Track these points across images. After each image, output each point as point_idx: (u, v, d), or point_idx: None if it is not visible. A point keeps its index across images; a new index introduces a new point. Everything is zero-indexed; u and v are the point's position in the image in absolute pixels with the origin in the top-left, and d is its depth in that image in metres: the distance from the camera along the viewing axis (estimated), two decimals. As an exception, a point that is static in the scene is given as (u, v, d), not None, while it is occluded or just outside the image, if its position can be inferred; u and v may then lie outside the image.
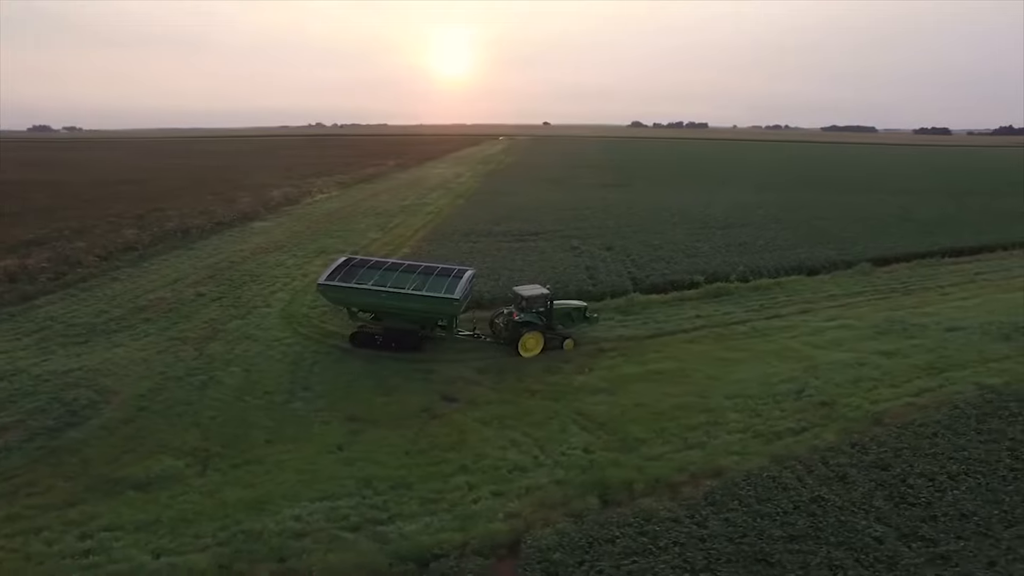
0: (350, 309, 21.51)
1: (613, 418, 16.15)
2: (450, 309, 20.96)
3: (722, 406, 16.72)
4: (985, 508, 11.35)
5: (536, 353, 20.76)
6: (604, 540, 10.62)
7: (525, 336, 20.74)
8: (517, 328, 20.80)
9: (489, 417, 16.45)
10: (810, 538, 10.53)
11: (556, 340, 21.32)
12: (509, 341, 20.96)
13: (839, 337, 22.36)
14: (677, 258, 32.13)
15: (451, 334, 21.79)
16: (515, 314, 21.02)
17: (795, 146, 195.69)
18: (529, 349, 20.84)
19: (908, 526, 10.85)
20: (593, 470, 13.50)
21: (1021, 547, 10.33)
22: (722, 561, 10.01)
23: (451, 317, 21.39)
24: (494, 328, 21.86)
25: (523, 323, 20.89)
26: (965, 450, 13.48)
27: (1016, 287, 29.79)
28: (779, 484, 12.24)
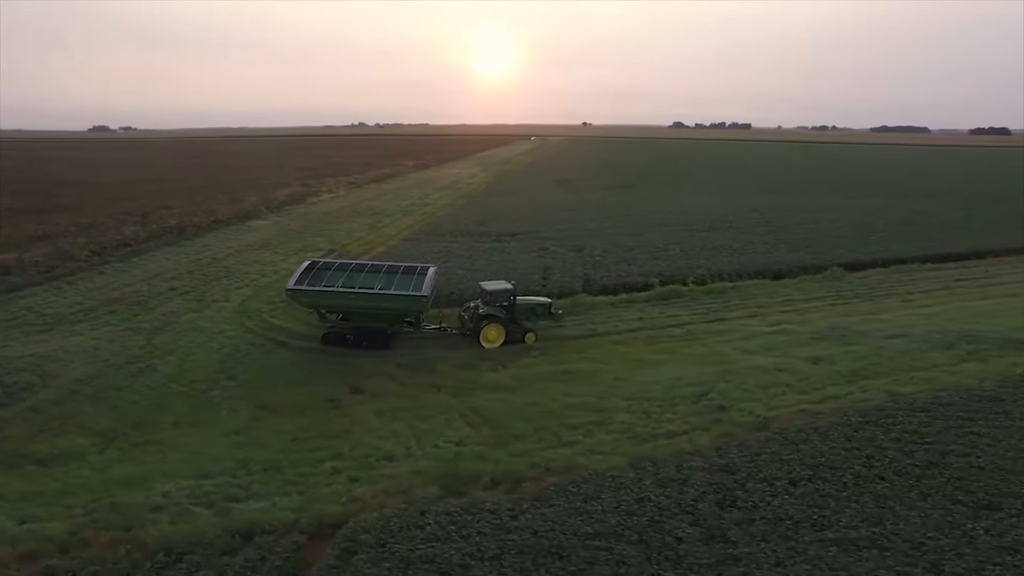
0: (319, 311, 22.51)
1: (501, 415, 16.67)
2: (418, 306, 21.98)
3: (616, 407, 16.98)
4: (805, 512, 11.37)
5: (498, 345, 21.90)
6: (415, 526, 11.22)
7: (486, 328, 21.84)
8: (480, 320, 21.91)
9: (386, 409, 17.24)
10: (612, 536, 10.83)
11: (518, 333, 22.31)
12: (473, 332, 22.12)
13: (773, 342, 22.16)
14: (642, 260, 32.17)
15: (418, 329, 22.80)
16: (480, 307, 22.23)
17: (836, 148, 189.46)
18: (491, 340, 21.89)
19: (719, 528, 11.02)
20: (454, 462, 14.09)
21: (815, 549, 10.38)
22: (513, 552, 10.46)
23: (418, 313, 22.40)
24: (461, 320, 23.05)
25: (485, 316, 22.01)
26: (822, 456, 13.41)
27: (992, 295, 28.66)
28: (616, 484, 12.53)
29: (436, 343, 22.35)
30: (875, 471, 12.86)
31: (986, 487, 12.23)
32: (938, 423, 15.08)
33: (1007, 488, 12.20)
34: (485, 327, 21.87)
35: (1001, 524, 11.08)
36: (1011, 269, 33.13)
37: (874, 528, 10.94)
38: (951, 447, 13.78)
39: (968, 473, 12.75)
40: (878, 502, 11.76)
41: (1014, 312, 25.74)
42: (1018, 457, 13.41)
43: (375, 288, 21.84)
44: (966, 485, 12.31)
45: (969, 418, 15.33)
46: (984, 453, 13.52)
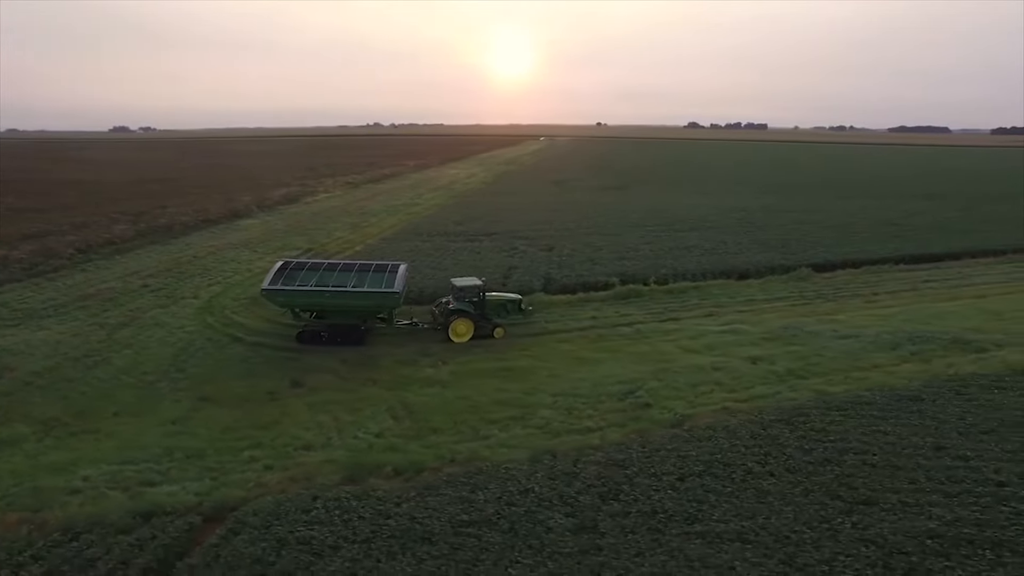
0: (293, 310, 23.19)
1: (427, 408, 17.14)
2: (391, 302, 22.79)
3: (541, 403, 17.33)
4: (681, 506, 11.63)
5: (466, 339, 22.71)
6: (303, 510, 11.75)
7: (455, 322, 22.66)
8: (449, 315, 22.73)
9: (319, 402, 17.82)
10: (484, 524, 11.23)
11: (487, 328, 23.03)
12: (443, 327, 22.93)
13: (719, 341, 22.30)
14: (609, 260, 32.41)
15: (391, 325, 23.57)
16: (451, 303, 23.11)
17: (849, 149, 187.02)
18: (460, 334, 22.72)
19: (593, 520, 11.34)
20: (366, 452, 14.59)
21: (678, 542, 10.63)
22: (385, 536, 10.92)
23: (390, 309, 23.16)
24: (433, 315, 23.90)
25: (454, 310, 22.80)
26: (720, 453, 13.64)
27: (959, 296, 28.43)
28: (508, 475, 12.91)
29: (386, 340, 22.91)
30: (767, 468, 13.08)
31: (870, 483, 12.40)
32: (850, 422, 15.22)
33: (891, 484, 12.35)
34: (454, 321, 22.61)
35: (870, 519, 11.26)
36: (985, 270, 32.74)
37: (744, 522, 11.19)
38: (851, 445, 13.93)
39: (858, 470, 12.91)
40: (758, 497, 11.99)
41: (974, 313, 25.56)
42: (914, 454, 13.54)
43: (348, 286, 22.55)
44: (851, 482, 12.48)
45: (882, 417, 15.44)
46: (881, 451, 13.65)
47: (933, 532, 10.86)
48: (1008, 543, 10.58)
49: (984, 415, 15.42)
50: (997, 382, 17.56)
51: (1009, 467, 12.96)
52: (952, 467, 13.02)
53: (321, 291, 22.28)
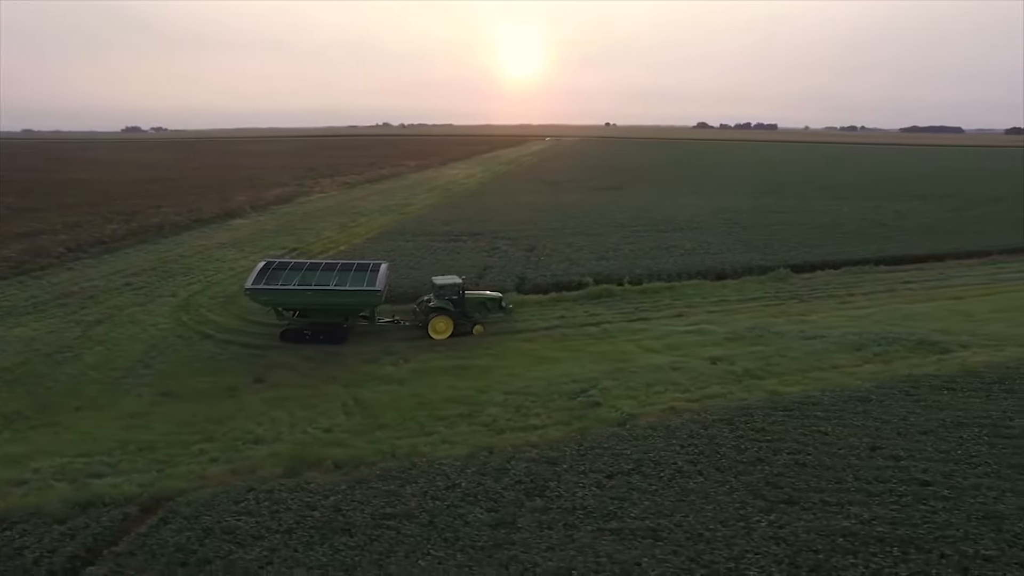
0: (276, 309, 23.60)
1: (380, 405, 17.43)
2: (373, 300, 23.28)
3: (492, 401, 17.55)
4: (602, 503, 11.78)
5: (446, 336, 22.96)
6: (235, 501, 12.07)
7: (434, 320, 23.11)
8: (429, 313, 23.19)
9: (276, 397, 18.15)
10: (405, 517, 11.47)
11: (466, 325, 23.35)
12: (423, 324, 23.33)
13: (683, 341, 22.39)
14: (587, 260, 32.55)
15: (372, 323, 24.05)
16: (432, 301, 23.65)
17: (856, 149, 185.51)
18: (439, 332, 23.15)
19: (512, 515, 11.53)
20: (311, 447, 14.84)
21: (590, 538, 10.77)
22: (307, 526, 11.20)
23: (372, 307, 23.65)
24: (415, 313, 24.40)
25: (434, 308, 23.24)
26: (654, 452, 13.74)
27: (936, 297, 28.27)
28: (439, 471, 13.14)
29: (353, 338, 23.21)
30: (698, 467, 13.19)
31: (796, 483, 12.49)
32: (792, 422, 15.30)
33: (816, 484, 12.44)
34: (433, 319, 23.05)
35: (788, 517, 11.37)
36: (967, 272, 32.50)
37: (661, 520, 11.33)
38: (786, 445, 14.02)
39: (788, 470, 13.01)
40: (681, 496, 12.12)
41: (947, 314, 25.44)
42: (847, 454, 13.60)
43: (330, 285, 22.96)
44: (778, 481, 12.58)
45: (826, 417, 15.50)
46: (816, 451, 13.73)
47: (847, 530, 10.95)
48: (917, 540, 10.66)
49: (927, 416, 15.44)
50: (948, 383, 17.53)
51: (937, 467, 13.01)
52: (882, 467, 13.09)
53: (304, 290, 22.70)
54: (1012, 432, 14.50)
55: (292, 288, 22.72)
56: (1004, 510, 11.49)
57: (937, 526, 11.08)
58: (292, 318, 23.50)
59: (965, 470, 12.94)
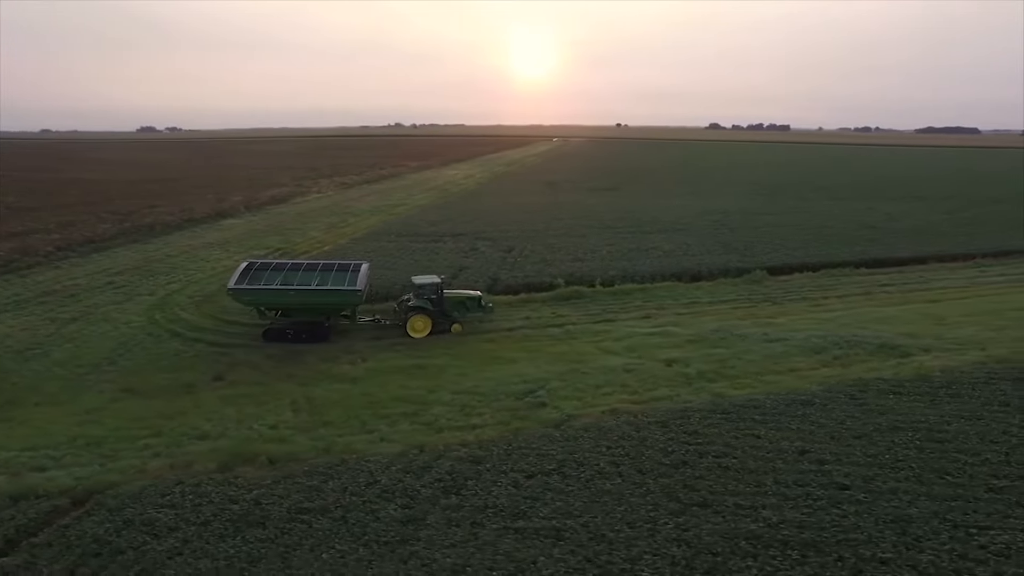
0: (259, 308, 24.08)
1: (329, 403, 17.71)
2: (354, 300, 23.76)
3: (439, 400, 17.76)
4: (513, 502, 11.94)
5: (424, 334, 23.36)
6: (161, 494, 12.43)
7: (412, 318, 23.58)
8: (408, 312, 23.65)
9: (233, 395, 18.52)
10: (319, 511, 11.75)
11: (445, 324, 23.73)
12: (403, 323, 23.80)
13: (643, 343, 22.43)
14: (564, 261, 32.66)
15: (354, 322, 24.53)
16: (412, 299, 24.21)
17: (866, 150, 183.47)
18: (417, 330, 23.61)
19: (425, 512, 11.75)
20: (252, 443, 15.14)
21: (494, 536, 10.94)
22: (223, 519, 11.50)
23: (353, 306, 24.12)
24: (396, 312, 24.89)
25: (413, 307, 23.71)
26: (579, 452, 13.88)
27: (911, 300, 28.02)
28: (364, 467, 13.38)
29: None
30: (619, 468, 13.29)
31: (714, 486, 12.54)
32: (728, 425, 15.33)
33: (734, 487, 12.48)
34: (411, 318, 23.51)
35: (697, 520, 11.43)
36: (948, 274, 32.14)
37: (568, 520, 11.46)
38: (715, 448, 14.06)
39: (710, 473, 13.06)
40: (594, 497, 12.24)
41: (917, 318, 25.23)
42: (774, 458, 13.62)
43: (312, 285, 23.38)
44: (697, 484, 12.64)
45: (763, 420, 15.51)
46: (744, 454, 13.76)
47: (752, 533, 11.01)
48: (819, 544, 10.70)
49: (866, 420, 15.40)
50: (897, 387, 17.46)
51: (860, 471, 13.00)
52: (805, 471, 13.09)
53: (286, 290, 23.13)
54: (944, 436, 14.44)
55: (274, 288, 23.15)
56: (914, 514, 11.49)
57: (843, 529, 11.10)
58: (275, 318, 23.92)
59: (887, 474, 12.92)
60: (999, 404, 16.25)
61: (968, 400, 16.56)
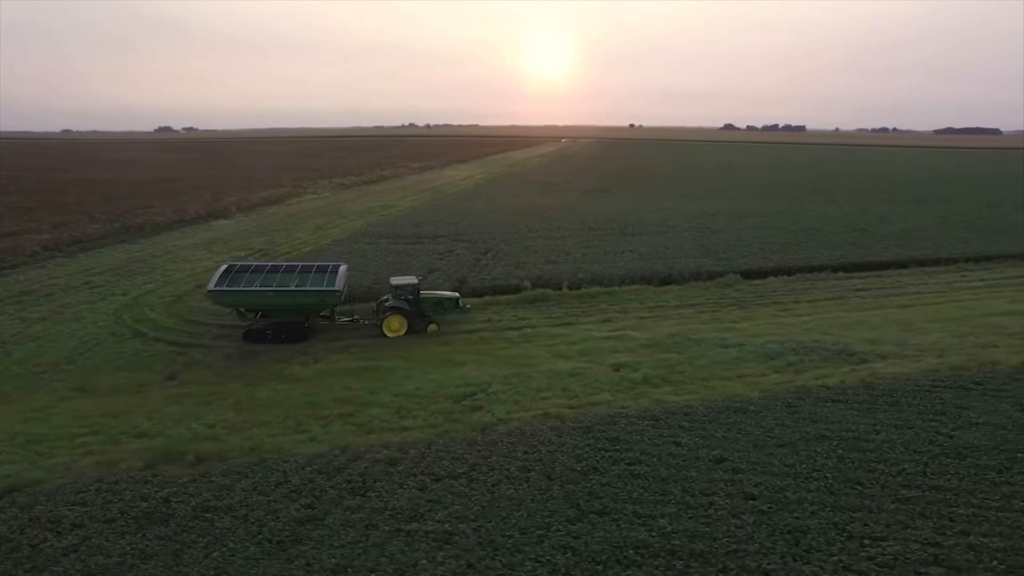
0: (238, 310, 24.51)
1: (271, 403, 17.95)
2: (332, 300, 24.20)
3: (378, 402, 17.90)
4: (413, 505, 12.06)
5: (400, 334, 23.79)
6: (77, 491, 12.76)
7: (387, 319, 24.00)
8: (384, 312, 24.09)
9: (181, 394, 18.84)
10: (224, 510, 11.99)
11: (420, 324, 24.15)
12: (380, 323, 24.22)
13: (596, 347, 22.39)
14: (536, 263, 32.66)
15: (333, 322, 25.00)
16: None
17: (880, 151, 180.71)
18: (393, 330, 24.07)
19: (325, 512, 11.96)
20: (186, 441, 15.32)
21: (384, 537, 11.10)
22: (129, 516, 11.79)
23: (332, 307, 24.58)
24: (375, 312, 25.32)
25: (390, 307, 24.16)
26: (493, 457, 13.97)
27: (884, 305, 27.62)
28: (277, 467, 13.61)
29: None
30: (530, 474, 13.34)
31: (619, 494, 12.51)
32: (653, 432, 15.26)
33: (639, 496, 12.44)
34: (387, 318, 23.93)
35: (591, 528, 11.45)
36: (926, 279, 31.56)
37: (462, 524, 11.54)
38: (631, 455, 14.02)
39: (618, 480, 13.03)
40: (494, 502, 12.29)
41: (884, 323, 24.89)
42: (689, 466, 13.55)
43: (291, 286, 23.79)
44: (602, 491, 12.62)
45: (690, 428, 15.44)
46: (658, 462, 13.70)
47: (642, 543, 10.99)
48: (707, 554, 10.66)
49: (794, 428, 15.26)
50: (839, 395, 17.30)
51: (773, 480, 12.89)
52: (717, 480, 13.01)
53: (265, 291, 23.55)
54: (868, 446, 14.27)
55: (254, 289, 23.57)
56: (812, 525, 11.38)
57: (736, 540, 11.04)
58: (255, 319, 24.29)
59: (799, 484, 12.80)
60: (934, 413, 16.01)
61: (904, 409, 16.33)
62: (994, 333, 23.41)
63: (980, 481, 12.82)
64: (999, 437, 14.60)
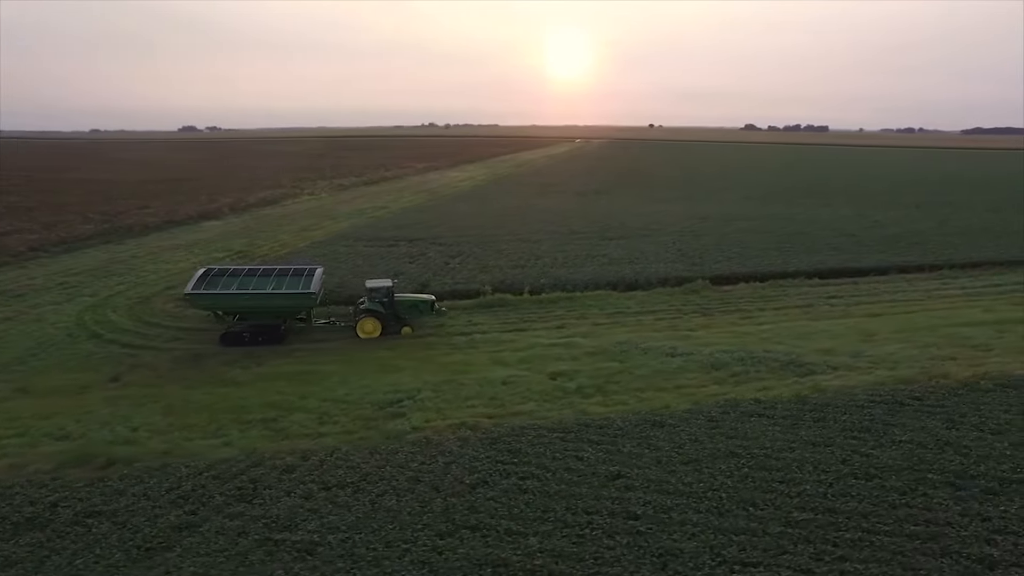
0: (216, 312, 24.94)
1: (202, 407, 18.05)
2: (308, 302, 24.63)
3: (304, 407, 17.92)
4: (291, 515, 12.02)
5: (374, 336, 24.06)
6: (2, 493, 13.06)
7: (362, 321, 24.30)
8: (359, 314, 24.51)
9: (119, 396, 19.05)
10: (106, 515, 12.09)
11: (395, 327, 24.42)
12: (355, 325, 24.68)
13: (540, 355, 22.11)
14: (503, 268, 32.52)
15: (309, 324, 25.46)
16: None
17: (899, 152, 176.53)
18: (367, 332, 24.34)
19: (204, 519, 12.00)
20: (102, 444, 15.46)
21: (249, 546, 11.10)
22: (10, 521, 11.93)
23: (308, 309, 25.04)
24: (352, 314, 25.69)
25: (364, 310, 24.52)
26: (385, 467, 13.87)
27: (853, 313, 26.92)
28: (181, 473, 13.71)
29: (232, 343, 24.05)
30: (416, 485, 13.26)
31: (499, 509, 12.29)
32: (559, 445, 15.03)
33: (519, 512, 12.21)
34: (361, 320, 24.07)
35: (458, 543, 11.27)
36: (904, 287, 30.59)
37: (331, 535, 11.46)
38: (524, 468, 13.80)
39: (504, 495, 12.80)
40: (371, 513, 12.18)
41: (846, 333, 24.23)
42: (581, 482, 13.26)
43: (267, 289, 24.17)
44: (484, 506, 12.42)
45: (599, 442, 15.15)
46: (551, 477, 13.44)
47: (503, 561, 10.79)
48: (569, 575, 10.39)
49: (707, 444, 14.88)
50: (766, 409, 16.88)
51: (664, 500, 12.54)
52: (605, 497, 12.72)
53: (242, 294, 23.91)
54: (776, 464, 13.82)
55: (230, 293, 23.93)
56: (687, 548, 11.04)
57: (602, 562, 10.77)
58: (232, 322, 24.63)
59: (690, 504, 12.43)
60: (859, 430, 15.47)
61: (829, 425, 15.81)
62: (958, 345, 22.61)
63: (879, 504, 12.32)
64: (916, 457, 14.04)
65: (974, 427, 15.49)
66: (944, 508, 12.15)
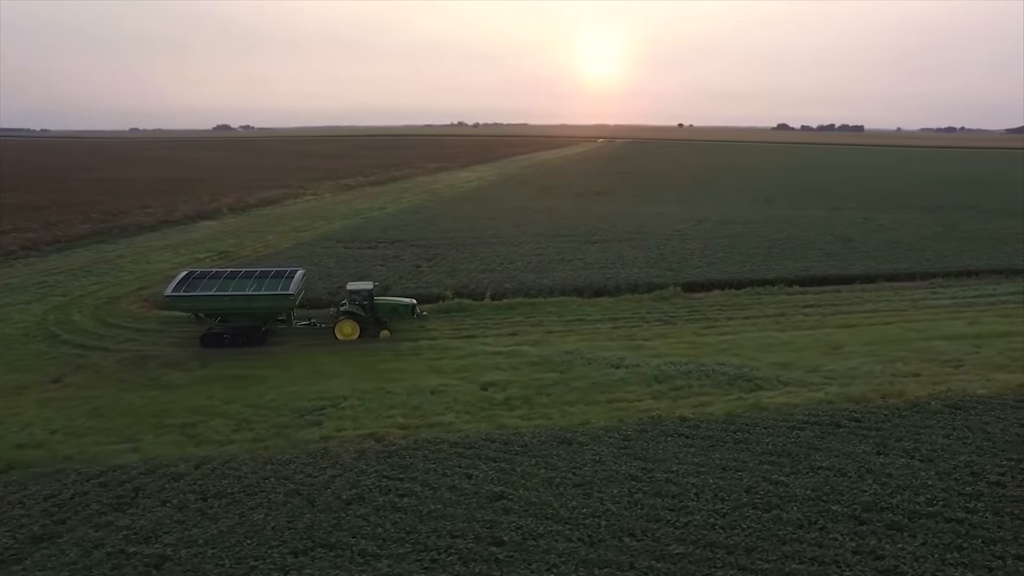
0: (197, 314, 25.29)
1: (131, 410, 18.15)
2: (287, 304, 24.85)
3: (227, 412, 17.84)
4: (157, 526, 11.84)
5: (353, 338, 24.15)
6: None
7: (340, 323, 24.55)
8: (337, 316, 24.77)
9: (55, 397, 19.20)
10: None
11: (373, 329, 24.56)
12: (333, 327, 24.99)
13: (480, 364, 21.61)
14: (472, 272, 32.04)
15: (290, 325, 25.68)
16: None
17: (934, 152, 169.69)
18: (346, 334, 24.54)
19: (69, 528, 11.96)
20: (17, 448, 15.66)
21: (106, 554, 11.00)
22: None
23: (288, 310, 25.25)
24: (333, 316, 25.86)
25: (344, 312, 24.75)
26: (266, 480, 13.61)
27: (826, 324, 25.71)
28: (65, 480, 13.70)
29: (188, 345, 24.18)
30: (291, 499, 13.00)
31: (363, 529, 11.89)
32: (453, 461, 14.59)
33: (382, 532, 11.77)
34: (339, 322, 24.22)
35: (306, 563, 10.99)
36: (888, 296, 29.03)
37: (185, 549, 11.30)
38: (408, 486, 13.41)
39: (374, 513, 12.40)
40: (235, 527, 12.01)
41: (810, 345, 23.10)
42: (463, 502, 12.79)
43: (247, 291, 24.47)
44: (348, 523, 12.07)
45: (495, 459, 14.64)
46: (429, 496, 13.00)
47: (350, 585, 10.31)
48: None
49: (609, 465, 14.19)
50: (690, 429, 16.12)
51: (535, 525, 11.92)
52: (478, 520, 12.18)
53: (221, 296, 24.24)
54: (674, 491, 13.08)
55: (209, 294, 24.23)
56: None
57: (446, 590, 10.19)
58: (213, 323, 24.88)
59: (565, 531, 11.76)
60: (780, 454, 14.52)
61: (749, 447, 14.89)
62: (927, 360, 21.24)
63: (768, 538, 11.43)
64: (829, 486, 13.04)
65: (905, 453, 14.36)
66: (838, 544, 11.21)
